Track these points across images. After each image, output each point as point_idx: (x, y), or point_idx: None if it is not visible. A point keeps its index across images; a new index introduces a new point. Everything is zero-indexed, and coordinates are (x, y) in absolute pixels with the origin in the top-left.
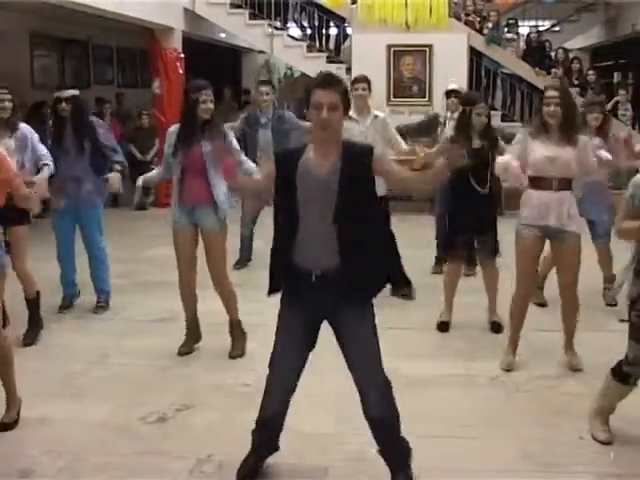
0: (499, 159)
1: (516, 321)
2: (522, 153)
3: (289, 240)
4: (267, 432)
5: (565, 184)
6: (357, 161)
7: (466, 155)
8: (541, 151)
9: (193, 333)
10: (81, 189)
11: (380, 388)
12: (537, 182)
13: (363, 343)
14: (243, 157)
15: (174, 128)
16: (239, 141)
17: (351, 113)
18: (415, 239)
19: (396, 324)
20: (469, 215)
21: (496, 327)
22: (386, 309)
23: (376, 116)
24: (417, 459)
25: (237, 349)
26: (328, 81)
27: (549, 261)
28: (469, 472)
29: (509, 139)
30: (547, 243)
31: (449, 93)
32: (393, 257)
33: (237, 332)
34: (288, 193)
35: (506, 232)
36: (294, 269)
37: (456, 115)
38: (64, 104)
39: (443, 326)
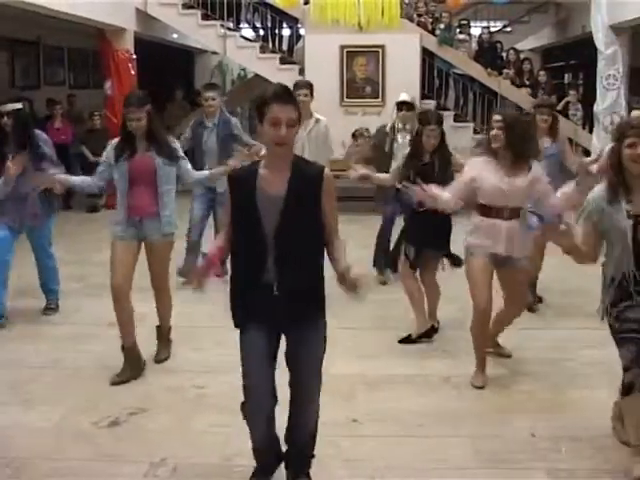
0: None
1: (479, 342)
2: (467, 187)
3: (256, 263)
4: (265, 457)
5: (516, 213)
6: (307, 179)
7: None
8: (492, 181)
9: (132, 364)
10: (27, 209)
11: (314, 402)
12: (487, 210)
13: (308, 366)
14: (187, 165)
15: (116, 140)
16: (191, 149)
17: None
18: (366, 239)
19: (352, 324)
20: (421, 230)
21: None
22: (341, 309)
23: (317, 120)
24: (372, 459)
25: (163, 354)
26: (286, 95)
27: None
28: (422, 471)
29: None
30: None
31: (400, 105)
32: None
33: (165, 338)
34: (250, 215)
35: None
36: (258, 286)
37: (408, 127)
38: (5, 118)
39: (432, 331)
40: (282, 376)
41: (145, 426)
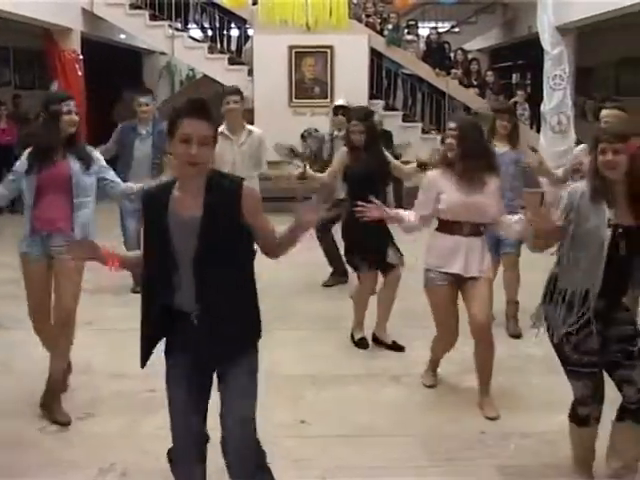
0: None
1: (438, 355)
2: (427, 202)
3: (167, 289)
4: None
5: (476, 230)
6: (224, 198)
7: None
8: (451, 197)
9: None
10: None
11: (250, 429)
12: (445, 226)
13: (239, 395)
14: (111, 175)
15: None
16: (114, 158)
17: (223, 129)
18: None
19: (299, 326)
20: (366, 232)
21: (398, 347)
22: (288, 311)
23: (250, 132)
24: (321, 459)
25: (58, 415)
26: (199, 109)
27: (509, 286)
28: (373, 470)
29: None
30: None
31: (336, 109)
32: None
33: (55, 397)
34: (161, 239)
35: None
36: (174, 315)
37: (342, 133)
38: None
39: (363, 342)
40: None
41: (93, 431)
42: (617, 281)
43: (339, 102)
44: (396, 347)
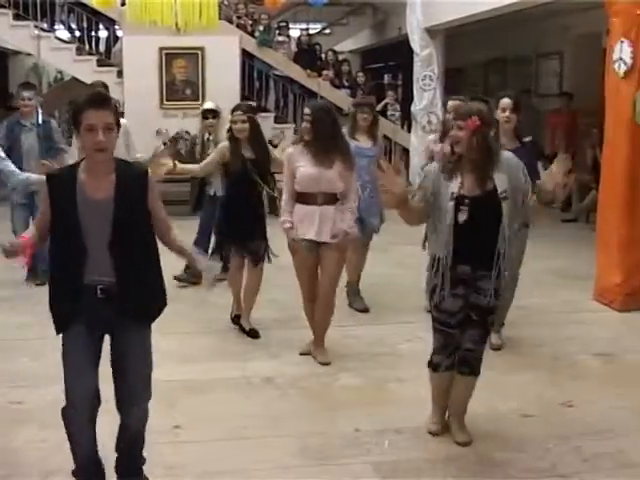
0: None
1: (309, 315)
2: (291, 177)
3: (74, 267)
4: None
5: (329, 198)
6: (133, 181)
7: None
8: (304, 170)
9: None
10: None
11: (142, 406)
12: (301, 197)
13: (135, 366)
14: (7, 163)
15: None
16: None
17: None
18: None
19: (171, 329)
20: (238, 224)
21: (237, 320)
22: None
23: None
24: (195, 464)
25: None
26: (101, 100)
27: (352, 266)
28: (248, 472)
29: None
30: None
31: (205, 113)
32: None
33: None
34: (69, 218)
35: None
36: (80, 288)
37: (212, 137)
38: None
39: (238, 319)
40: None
41: None
42: (475, 249)
43: (208, 106)
44: (252, 334)
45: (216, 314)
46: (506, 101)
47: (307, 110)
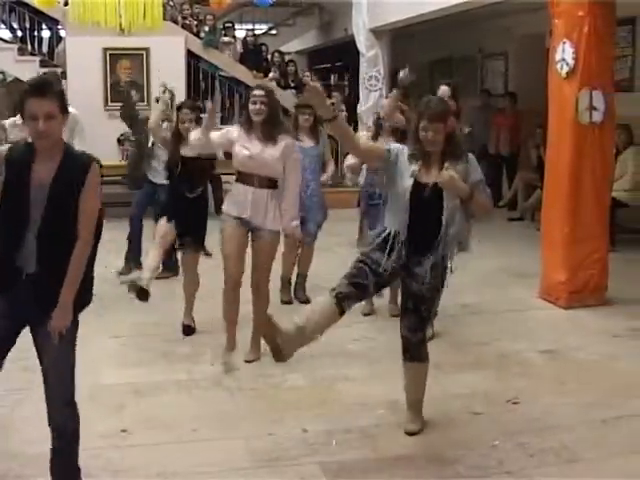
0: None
1: (228, 314)
2: (222, 136)
3: (14, 243)
4: None
5: (267, 182)
6: (74, 169)
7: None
8: (244, 148)
9: None
10: None
11: (69, 404)
12: (240, 176)
13: (57, 359)
14: None
15: None
16: None
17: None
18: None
19: (117, 332)
20: (176, 218)
21: (188, 330)
22: (106, 318)
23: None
24: (143, 468)
25: None
26: (41, 89)
27: (289, 262)
28: (196, 475)
29: None
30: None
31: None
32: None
33: None
34: (21, 196)
35: None
36: (10, 268)
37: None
38: None
39: (188, 330)
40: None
41: None
42: (420, 232)
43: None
44: (187, 330)
45: (161, 316)
46: (444, 88)
47: (259, 92)
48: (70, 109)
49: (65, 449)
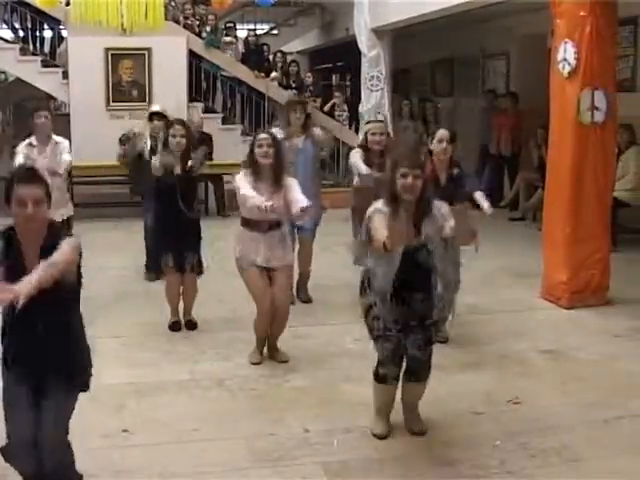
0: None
1: (260, 333)
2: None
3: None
4: None
5: (275, 225)
6: (54, 249)
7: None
8: (255, 198)
9: None
10: None
11: (61, 463)
12: (248, 223)
13: (54, 422)
14: None
15: None
16: None
17: (32, 140)
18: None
19: (118, 333)
20: (175, 235)
21: (191, 325)
22: (105, 318)
23: (57, 143)
24: (145, 468)
25: None
26: (30, 177)
27: (303, 260)
28: (198, 476)
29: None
30: None
31: (151, 116)
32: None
33: None
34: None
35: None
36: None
37: (161, 135)
38: None
39: (176, 325)
40: None
41: None
42: (412, 281)
43: (154, 108)
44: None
45: (162, 316)
46: (443, 132)
47: (266, 135)
48: (59, 139)
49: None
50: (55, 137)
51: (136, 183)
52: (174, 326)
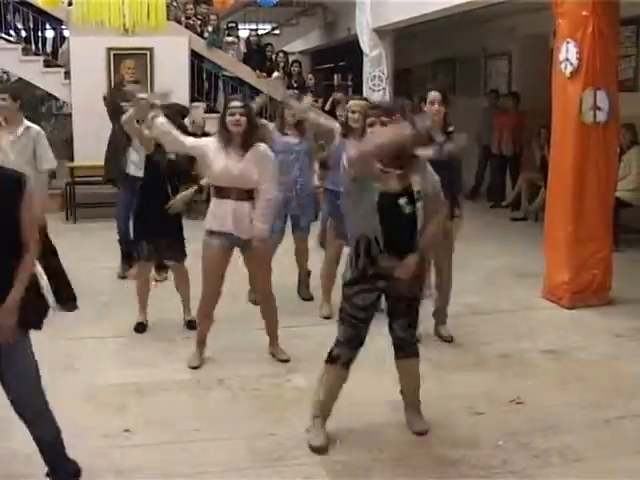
0: None
1: (202, 318)
2: (198, 146)
3: None
4: None
5: (245, 194)
6: (7, 188)
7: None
8: (220, 162)
9: None
10: None
11: (39, 413)
12: (218, 191)
13: (18, 372)
14: None
15: None
16: None
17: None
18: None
19: (117, 333)
20: (153, 221)
21: (192, 325)
22: (102, 319)
23: (28, 127)
24: (146, 468)
25: None
26: None
27: (301, 257)
28: (199, 475)
29: None
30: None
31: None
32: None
33: None
34: None
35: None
36: None
37: None
38: None
39: (140, 327)
40: None
41: None
42: (398, 240)
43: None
44: (140, 328)
45: (162, 316)
46: (434, 94)
47: (238, 103)
48: (30, 124)
49: (48, 455)
50: (27, 122)
51: (111, 170)
52: (138, 327)
